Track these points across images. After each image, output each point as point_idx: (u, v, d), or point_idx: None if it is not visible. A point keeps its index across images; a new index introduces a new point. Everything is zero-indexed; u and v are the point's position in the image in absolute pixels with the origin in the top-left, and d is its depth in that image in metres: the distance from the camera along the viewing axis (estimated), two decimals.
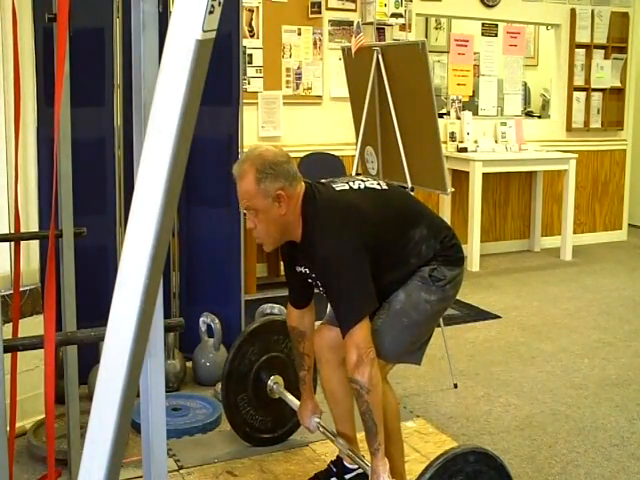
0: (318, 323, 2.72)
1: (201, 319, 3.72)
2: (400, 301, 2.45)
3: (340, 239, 2.31)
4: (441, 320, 3.93)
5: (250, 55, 5.68)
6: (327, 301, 2.54)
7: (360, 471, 2.71)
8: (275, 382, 3.05)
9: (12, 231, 2.85)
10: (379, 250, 2.37)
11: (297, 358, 2.77)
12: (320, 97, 6.00)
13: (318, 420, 2.80)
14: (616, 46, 7.33)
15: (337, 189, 2.44)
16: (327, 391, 2.71)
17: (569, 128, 7.27)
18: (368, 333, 2.29)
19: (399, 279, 2.47)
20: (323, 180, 2.54)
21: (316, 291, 2.60)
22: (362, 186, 2.47)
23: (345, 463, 2.72)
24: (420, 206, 2.64)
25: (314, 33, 5.93)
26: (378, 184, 2.54)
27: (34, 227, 3.31)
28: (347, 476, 2.73)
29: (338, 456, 2.74)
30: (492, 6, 6.71)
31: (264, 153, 2.34)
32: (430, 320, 2.55)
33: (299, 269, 2.50)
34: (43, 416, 2.71)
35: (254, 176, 2.29)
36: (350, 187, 2.45)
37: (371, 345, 2.29)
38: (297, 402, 2.91)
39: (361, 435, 2.61)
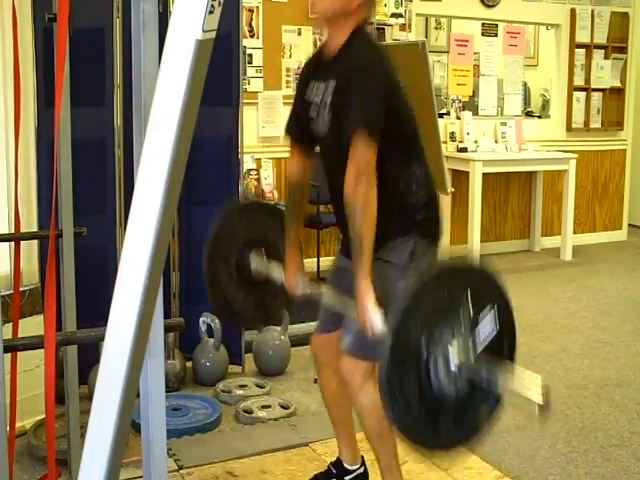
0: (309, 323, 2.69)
1: (201, 319, 3.72)
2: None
3: (379, 62, 2.32)
4: None
5: (250, 55, 5.67)
6: (319, 305, 2.52)
7: (361, 471, 2.71)
8: (259, 260, 2.73)
9: (12, 231, 2.85)
10: (385, 133, 2.29)
11: (290, 210, 2.65)
12: None
13: (304, 283, 2.59)
14: (616, 46, 7.33)
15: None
16: (327, 394, 2.69)
17: (569, 128, 7.27)
18: (373, 157, 2.22)
19: (379, 209, 2.30)
20: None
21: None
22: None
23: (345, 465, 2.71)
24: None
25: (314, 33, 5.92)
26: None
27: (34, 227, 3.31)
28: (347, 477, 2.72)
29: (338, 458, 2.74)
30: (492, 6, 6.71)
31: None
32: None
33: (314, 88, 2.42)
34: (43, 416, 2.71)
35: None
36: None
37: (373, 169, 2.22)
38: (282, 274, 2.66)
39: (360, 435, 2.62)
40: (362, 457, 2.72)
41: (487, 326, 1.89)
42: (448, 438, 1.93)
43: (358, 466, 2.71)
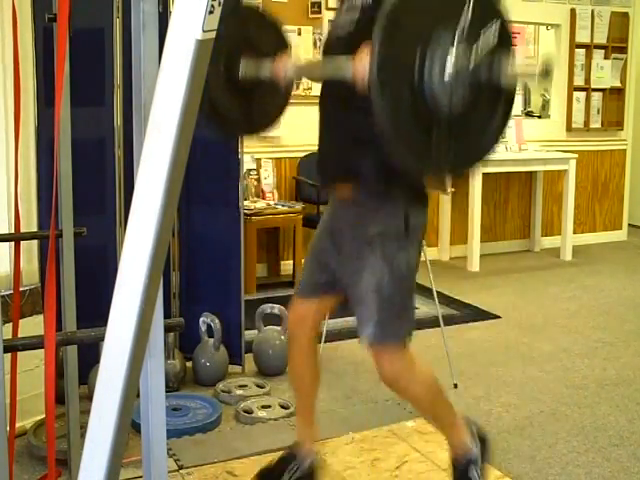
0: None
1: (201, 319, 3.72)
2: (387, 284, 2.27)
3: None
4: (441, 320, 3.93)
5: None
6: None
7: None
8: (249, 62, 2.52)
9: (12, 231, 2.85)
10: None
11: None
12: None
13: (292, 64, 2.42)
14: (616, 46, 7.33)
15: None
16: (296, 375, 2.60)
17: (569, 128, 7.27)
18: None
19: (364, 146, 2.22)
20: None
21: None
22: None
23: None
24: None
25: (314, 33, 5.93)
26: None
27: (34, 227, 3.31)
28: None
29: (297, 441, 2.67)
30: None
31: None
32: (414, 275, 2.38)
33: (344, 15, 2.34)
34: (43, 416, 2.72)
35: None
36: None
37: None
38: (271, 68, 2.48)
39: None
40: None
41: (489, 40, 1.73)
42: (442, 154, 1.77)
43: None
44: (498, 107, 1.80)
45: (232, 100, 2.54)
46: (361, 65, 1.95)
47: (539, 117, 7.92)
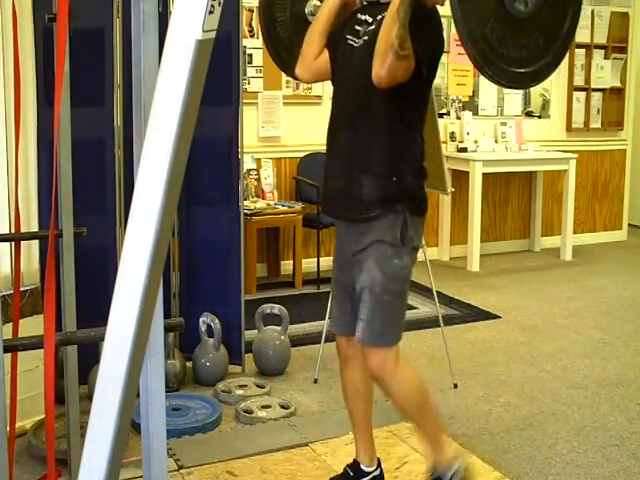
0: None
1: (201, 319, 3.72)
2: (378, 282, 2.39)
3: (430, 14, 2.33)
4: (441, 320, 3.93)
5: (250, 55, 5.67)
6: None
7: (377, 473, 2.70)
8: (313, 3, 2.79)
9: (12, 231, 2.85)
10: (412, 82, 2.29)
11: None
12: (320, 97, 5.99)
13: None
14: (616, 46, 7.33)
15: None
16: (348, 389, 2.69)
17: (569, 128, 7.27)
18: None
19: (376, 154, 2.39)
20: None
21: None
22: None
23: (362, 467, 2.69)
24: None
25: None
26: None
27: (34, 227, 3.31)
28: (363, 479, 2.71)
29: (355, 459, 2.72)
30: None
31: None
32: (408, 282, 2.50)
33: (361, 21, 2.43)
34: (43, 416, 2.71)
35: None
36: None
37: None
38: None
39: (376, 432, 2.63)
40: (378, 459, 2.72)
41: None
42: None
43: (374, 468, 2.70)
44: (569, 7, 1.87)
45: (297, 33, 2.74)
46: None
47: (539, 117, 7.91)
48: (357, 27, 2.44)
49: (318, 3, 2.72)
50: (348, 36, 2.45)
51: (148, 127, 0.88)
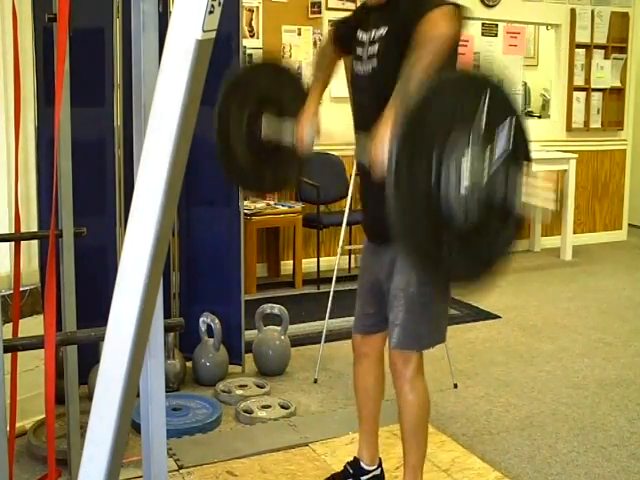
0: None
1: (201, 319, 3.72)
2: (413, 283, 2.36)
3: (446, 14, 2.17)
4: None
5: (250, 55, 5.67)
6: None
7: (377, 472, 2.71)
8: (271, 121, 2.58)
9: (12, 231, 2.85)
10: None
11: (319, 60, 2.64)
12: None
13: (314, 136, 2.51)
14: (616, 46, 7.33)
15: None
16: (360, 387, 2.68)
17: (569, 128, 7.27)
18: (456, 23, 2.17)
19: None
20: None
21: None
22: None
23: (362, 464, 2.70)
24: None
25: (314, 33, 5.93)
26: None
27: (34, 227, 3.31)
28: (363, 478, 2.70)
29: (355, 457, 2.72)
30: (492, 6, 6.71)
31: None
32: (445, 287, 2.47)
33: (366, 33, 2.39)
34: (43, 416, 2.71)
35: None
36: None
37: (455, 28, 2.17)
38: (293, 134, 2.53)
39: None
40: (380, 459, 2.72)
41: (502, 142, 1.66)
42: (453, 263, 1.75)
43: (375, 467, 2.70)
44: (510, 219, 1.77)
45: (256, 159, 2.59)
46: (377, 150, 1.99)
47: (539, 117, 7.92)
48: (358, 50, 2.42)
49: (275, 119, 2.56)
50: (355, 63, 2.44)
51: (148, 127, 0.88)
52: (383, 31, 2.31)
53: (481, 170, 1.63)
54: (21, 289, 2.64)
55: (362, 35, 2.41)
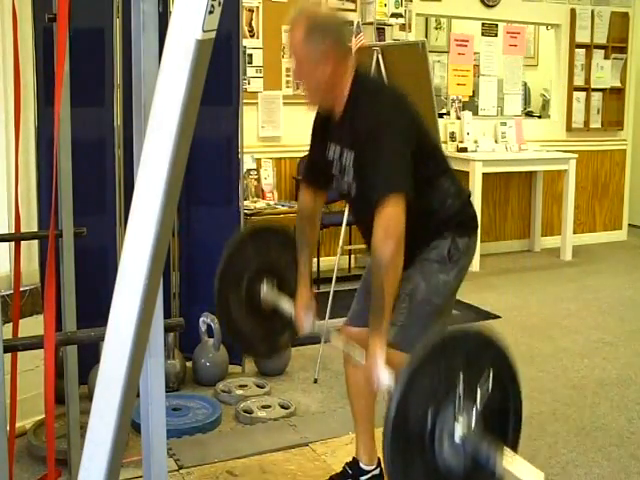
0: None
1: (201, 319, 3.72)
2: (421, 290, 2.41)
3: (392, 111, 2.27)
4: None
5: (250, 55, 5.67)
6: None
7: (376, 472, 2.70)
8: (269, 289, 2.73)
9: (12, 231, 2.85)
10: (416, 160, 2.30)
11: (300, 242, 2.67)
12: None
13: (312, 320, 2.61)
14: (616, 46, 7.33)
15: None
16: (352, 386, 2.68)
17: (569, 128, 7.27)
18: (402, 211, 2.20)
19: (415, 226, 2.34)
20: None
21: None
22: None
23: (361, 465, 2.69)
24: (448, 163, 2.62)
25: None
26: None
27: (34, 227, 3.31)
28: (362, 478, 2.70)
29: (354, 457, 2.72)
30: (492, 6, 6.71)
31: (320, 10, 2.37)
32: (450, 300, 2.54)
33: (330, 149, 2.45)
34: (43, 416, 2.71)
35: (305, 29, 2.28)
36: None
37: (401, 223, 2.20)
38: (292, 308, 2.65)
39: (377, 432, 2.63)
40: (378, 458, 2.71)
41: (484, 396, 1.84)
42: None
43: (374, 467, 2.69)
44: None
45: (255, 326, 2.72)
46: (373, 371, 2.13)
47: (539, 117, 7.92)
48: (331, 168, 2.47)
49: (273, 290, 2.69)
50: (334, 176, 2.48)
51: (148, 127, 0.88)
52: (346, 152, 2.39)
53: (467, 426, 1.74)
54: (21, 289, 2.64)
55: (329, 153, 2.46)
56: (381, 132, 2.26)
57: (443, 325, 2.55)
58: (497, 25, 6.84)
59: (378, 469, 2.70)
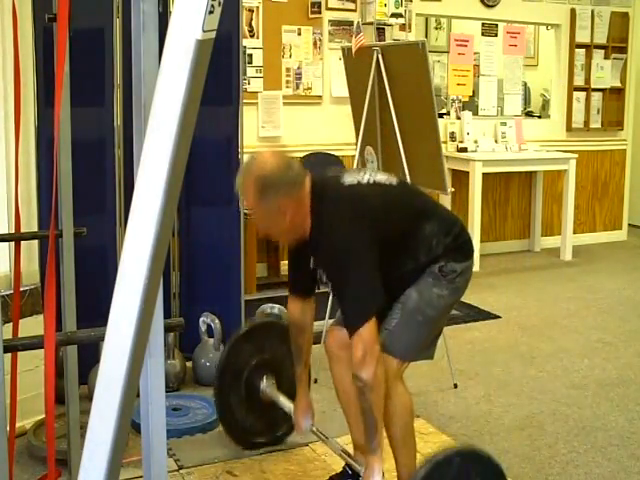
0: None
1: (201, 319, 3.72)
2: (414, 300, 2.46)
3: (348, 232, 2.32)
4: None
5: (250, 55, 5.67)
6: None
7: None
8: (269, 385, 2.98)
9: (12, 231, 2.85)
10: (388, 245, 2.38)
11: (295, 352, 2.75)
12: (320, 97, 6.00)
13: (311, 423, 2.81)
14: (616, 46, 7.33)
15: (346, 184, 2.45)
16: (340, 391, 2.70)
17: (569, 128, 7.27)
18: (375, 331, 2.29)
19: (408, 277, 2.47)
20: (332, 174, 2.57)
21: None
22: (371, 180, 2.48)
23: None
24: (430, 201, 2.66)
25: (314, 33, 5.93)
26: (387, 179, 2.54)
27: (34, 227, 3.31)
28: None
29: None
30: (492, 6, 6.71)
31: (264, 166, 2.33)
32: (443, 314, 2.58)
33: (312, 261, 2.51)
34: (43, 416, 2.71)
35: (255, 191, 2.32)
36: (359, 182, 2.46)
37: (377, 343, 2.29)
38: (291, 405, 2.86)
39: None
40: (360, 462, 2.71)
41: None
42: None
43: None
44: None
45: (254, 420, 3.04)
46: None
47: (539, 117, 7.92)
48: (319, 275, 2.55)
49: (272, 386, 2.98)
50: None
51: (148, 127, 0.88)
52: (319, 271, 2.50)
53: None
54: (21, 289, 2.64)
55: (312, 263, 2.52)
56: (342, 259, 2.32)
57: (434, 337, 2.59)
58: (497, 25, 6.84)
59: None
